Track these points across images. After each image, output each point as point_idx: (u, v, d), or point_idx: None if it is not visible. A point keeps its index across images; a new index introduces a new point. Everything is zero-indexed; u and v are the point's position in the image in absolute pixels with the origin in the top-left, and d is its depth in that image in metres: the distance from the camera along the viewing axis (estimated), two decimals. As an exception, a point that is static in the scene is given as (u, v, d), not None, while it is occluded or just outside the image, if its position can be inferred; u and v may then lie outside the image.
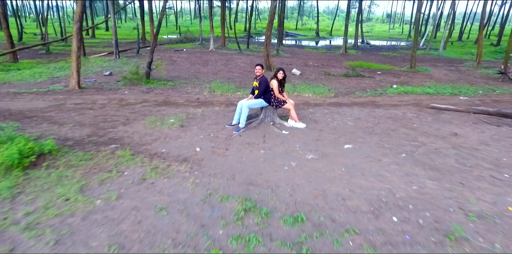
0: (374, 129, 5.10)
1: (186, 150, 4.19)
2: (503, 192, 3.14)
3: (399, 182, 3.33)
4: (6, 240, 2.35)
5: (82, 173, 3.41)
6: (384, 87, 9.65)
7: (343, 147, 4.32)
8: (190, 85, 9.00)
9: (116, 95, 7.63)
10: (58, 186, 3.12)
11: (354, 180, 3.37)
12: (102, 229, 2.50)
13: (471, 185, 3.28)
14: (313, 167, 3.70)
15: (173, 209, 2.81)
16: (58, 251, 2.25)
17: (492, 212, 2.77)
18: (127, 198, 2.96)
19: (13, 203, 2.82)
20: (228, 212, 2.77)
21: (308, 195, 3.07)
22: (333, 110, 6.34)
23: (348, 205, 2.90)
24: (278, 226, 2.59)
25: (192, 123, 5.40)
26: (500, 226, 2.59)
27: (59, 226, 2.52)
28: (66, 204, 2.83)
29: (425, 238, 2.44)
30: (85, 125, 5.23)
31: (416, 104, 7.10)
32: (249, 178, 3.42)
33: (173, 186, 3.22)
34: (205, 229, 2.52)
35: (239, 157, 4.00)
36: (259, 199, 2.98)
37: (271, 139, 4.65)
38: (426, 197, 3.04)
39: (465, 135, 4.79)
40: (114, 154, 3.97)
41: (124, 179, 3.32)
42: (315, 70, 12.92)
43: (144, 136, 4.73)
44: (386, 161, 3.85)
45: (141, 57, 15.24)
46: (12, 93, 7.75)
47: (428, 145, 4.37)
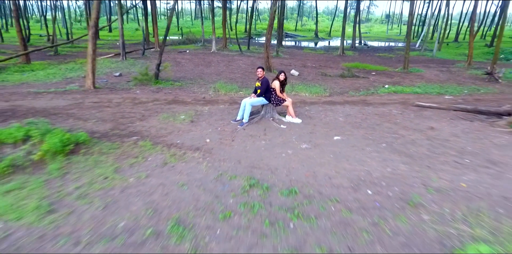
0: (361, 124, 5.79)
1: (197, 141, 4.88)
2: (461, 173, 3.82)
3: (377, 166, 4.01)
4: (65, 206, 3.04)
5: (113, 158, 4.09)
6: (377, 87, 10.34)
7: (333, 138, 5.01)
8: (196, 85, 9.69)
9: (129, 94, 8.32)
10: (96, 168, 3.81)
11: (340, 164, 4.06)
12: (138, 199, 3.19)
13: (436, 167, 3.96)
14: (306, 154, 4.39)
15: (192, 185, 3.49)
16: (107, 214, 2.93)
17: (447, 187, 3.46)
18: (154, 177, 3.65)
19: (63, 180, 3.51)
20: (236, 187, 3.45)
21: (301, 175, 3.76)
22: (327, 108, 7.04)
23: (333, 182, 3.58)
24: (276, 196, 3.27)
25: (201, 119, 6.09)
26: (452, 197, 3.27)
27: (104, 196, 3.21)
28: (106, 181, 3.52)
29: (391, 205, 3.13)
30: (106, 121, 5.92)
31: (403, 102, 7.79)
32: (253, 163, 4.10)
33: (190, 168, 3.90)
34: (219, 199, 3.21)
35: (244, 146, 4.69)
36: (261, 178, 3.67)
37: (271, 132, 5.34)
38: (397, 176, 3.73)
39: (440, 129, 5.49)
40: (137, 144, 4.66)
41: (149, 163, 4.01)
42: (312, 71, 13.61)
43: (159, 130, 5.42)
44: (368, 150, 4.54)
45: (147, 58, 15.91)
46: (33, 93, 8.43)
47: (406, 136, 5.07)
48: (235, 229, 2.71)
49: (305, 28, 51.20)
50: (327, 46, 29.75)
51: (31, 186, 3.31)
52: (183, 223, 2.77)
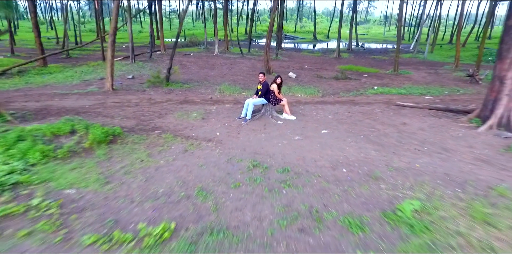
0: (346, 120, 6.85)
1: (209, 134, 5.93)
2: (418, 157, 4.88)
3: (353, 152, 5.07)
4: (116, 179, 4.08)
5: (144, 147, 5.15)
6: (366, 88, 11.40)
7: (320, 132, 6.07)
8: (203, 87, 10.75)
9: (144, 95, 9.38)
10: (132, 153, 4.87)
11: (324, 151, 5.11)
12: (169, 175, 4.24)
13: (399, 153, 5.02)
14: (298, 144, 5.44)
15: (208, 165, 4.54)
16: (149, 184, 3.98)
17: (404, 167, 4.51)
18: (179, 160, 4.70)
19: (110, 162, 4.56)
20: (243, 167, 4.51)
21: (293, 159, 4.81)
22: (319, 107, 8.09)
23: (317, 164, 4.63)
24: (273, 173, 4.32)
25: (210, 116, 7.15)
26: (406, 173, 4.32)
27: (143, 173, 4.26)
28: (142, 162, 4.57)
29: (359, 178, 4.18)
30: (130, 118, 6.98)
31: (386, 102, 8.84)
32: (255, 150, 5.16)
33: (206, 154, 4.96)
34: (230, 175, 4.26)
35: (247, 138, 5.74)
36: (261, 161, 4.72)
37: (270, 127, 6.40)
38: (368, 160, 4.78)
39: (411, 124, 6.54)
40: (160, 136, 5.72)
41: (173, 150, 5.06)
42: (309, 73, 14.67)
43: (176, 125, 6.48)
44: (348, 140, 5.59)
45: (154, 61, 16.97)
46: (59, 94, 9.50)
47: (381, 130, 6.12)
48: (243, 194, 3.77)
49: (304, 30, 52.26)
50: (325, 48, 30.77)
51: (87, 165, 4.37)
52: (205, 190, 3.83)
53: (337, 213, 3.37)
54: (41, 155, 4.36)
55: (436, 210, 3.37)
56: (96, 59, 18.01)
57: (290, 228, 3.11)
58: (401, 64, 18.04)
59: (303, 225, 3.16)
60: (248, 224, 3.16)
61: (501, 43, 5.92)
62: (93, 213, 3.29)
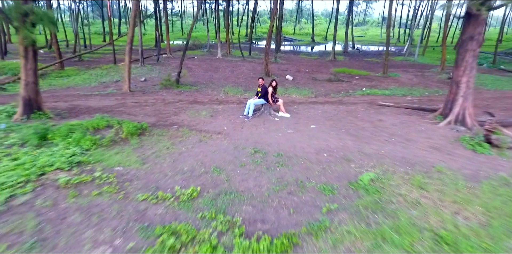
0: (332, 117, 8.13)
1: (218, 128, 7.22)
2: (384, 145, 6.16)
3: (334, 142, 6.35)
4: (150, 161, 5.36)
5: (167, 138, 6.43)
6: (356, 90, 12.68)
7: (310, 126, 7.35)
8: (209, 89, 12.04)
9: (158, 96, 10.67)
10: (159, 142, 6.15)
11: (311, 141, 6.40)
12: (190, 158, 5.52)
13: (371, 143, 6.30)
14: (291, 136, 6.72)
15: (220, 151, 5.82)
16: (176, 164, 5.25)
17: (372, 153, 5.79)
18: (196, 148, 5.98)
19: (143, 149, 5.84)
20: (246, 152, 5.78)
21: (285, 147, 6.09)
22: (310, 107, 9.38)
23: (305, 150, 5.91)
24: (270, 157, 5.60)
25: (218, 114, 8.43)
26: (372, 157, 5.59)
27: (170, 157, 5.54)
28: (168, 149, 5.85)
29: (336, 160, 5.45)
30: (150, 115, 8.26)
31: (370, 102, 10.12)
32: (256, 140, 6.44)
33: (217, 143, 6.24)
34: (237, 158, 5.54)
35: (250, 131, 7.02)
36: (261, 148, 6.00)
37: (268, 122, 7.68)
38: (345, 147, 6.06)
39: (386, 120, 7.83)
40: (178, 130, 7.00)
41: (190, 140, 6.35)
42: (305, 76, 15.95)
43: (190, 121, 7.76)
44: (331, 133, 6.88)
45: (162, 64, 18.25)
46: (83, 95, 10.78)
47: (360, 125, 7.41)
48: (247, 170, 5.05)
49: (303, 32, 53.57)
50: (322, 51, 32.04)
51: (126, 151, 5.65)
52: (219, 168, 5.11)
53: (316, 182, 4.65)
54: (91, 143, 5.65)
55: (387, 180, 4.65)
56: (107, 62, 19.28)
57: (281, 191, 4.39)
58: (392, 67, 19.32)
59: (290, 190, 4.45)
60: (251, 189, 4.45)
61: (457, 54, 7.20)
62: (139, 182, 4.58)
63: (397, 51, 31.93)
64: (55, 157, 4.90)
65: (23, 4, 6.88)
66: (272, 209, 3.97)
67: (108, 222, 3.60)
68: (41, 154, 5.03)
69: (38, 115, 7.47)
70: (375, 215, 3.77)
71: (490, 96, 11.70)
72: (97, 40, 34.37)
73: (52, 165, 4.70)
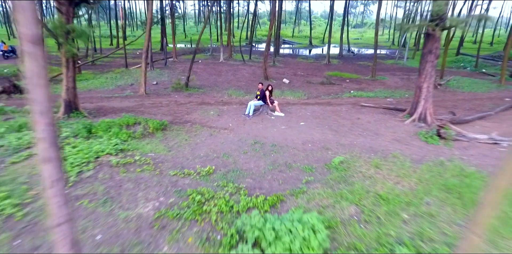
0: (319, 116, 9.73)
1: (224, 125, 8.80)
2: (357, 138, 7.75)
3: (318, 135, 7.94)
4: (174, 149, 6.95)
5: (184, 132, 8.02)
6: (344, 92, 14.26)
7: (300, 123, 8.95)
8: (214, 92, 13.63)
9: (171, 98, 12.26)
10: (178, 136, 7.74)
11: (299, 135, 7.99)
12: (205, 147, 7.11)
13: (347, 136, 7.89)
14: (284, 131, 8.31)
15: (227, 142, 7.41)
16: (194, 151, 6.84)
17: (346, 143, 7.38)
18: (208, 139, 7.57)
19: (166, 140, 7.43)
20: (248, 143, 7.37)
21: (279, 139, 7.68)
22: (302, 107, 10.97)
23: (294, 142, 7.51)
24: (266, 147, 7.19)
25: (223, 113, 10.02)
26: (346, 146, 7.18)
27: (189, 146, 7.13)
28: (186, 141, 7.44)
29: (317, 149, 7.04)
30: (167, 114, 9.85)
31: (354, 103, 11.71)
32: (255, 134, 8.03)
33: (224, 136, 7.83)
34: (241, 147, 7.13)
35: (250, 127, 8.61)
36: (259, 140, 7.59)
37: (265, 120, 9.28)
38: (326, 139, 7.65)
39: (363, 118, 9.41)
40: (192, 126, 8.59)
41: (203, 134, 7.94)
42: (300, 79, 17.55)
43: (201, 119, 9.34)
44: (317, 129, 8.47)
45: (169, 68, 19.83)
46: (105, 97, 12.37)
47: (341, 122, 9.00)
48: (249, 156, 6.64)
49: (302, 35, 55.18)
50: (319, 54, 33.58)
51: (154, 142, 7.24)
52: (227, 154, 6.70)
53: (300, 164, 6.24)
54: (126, 135, 7.24)
55: (353, 162, 6.25)
56: (118, 66, 20.87)
57: (274, 170, 5.98)
58: (381, 70, 20.91)
59: (281, 169, 6.04)
60: (252, 168, 6.04)
61: (420, 64, 8.80)
62: (169, 163, 6.17)
63: (390, 54, 33.51)
64: (104, 145, 6.50)
65: (66, 24, 8.47)
66: (267, 181, 5.57)
67: (152, 188, 5.19)
68: (93, 143, 6.63)
69: (76, 114, 9.07)
70: (339, 184, 5.36)
71: (461, 98, 13.28)
72: (105, 43, 35.93)
73: (103, 151, 6.29)
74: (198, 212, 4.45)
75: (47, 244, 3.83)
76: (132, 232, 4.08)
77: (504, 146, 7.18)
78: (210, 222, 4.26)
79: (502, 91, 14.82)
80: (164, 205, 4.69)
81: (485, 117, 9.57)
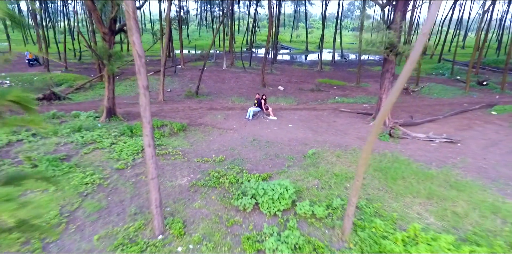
0: (304, 119, 12.32)
1: (230, 126, 11.40)
2: (330, 136, 10.35)
3: (301, 134, 10.54)
4: (195, 144, 9.55)
5: (201, 132, 10.63)
6: (330, 98, 16.85)
7: (288, 125, 11.55)
8: (220, 99, 16.23)
9: (185, 104, 14.86)
10: (196, 135, 10.35)
11: (287, 134, 10.59)
12: (216, 143, 9.71)
13: (323, 135, 10.49)
14: (276, 131, 10.91)
15: (232, 140, 10.01)
16: (208, 146, 9.44)
17: (321, 140, 9.97)
18: (218, 137, 10.17)
19: (188, 138, 10.03)
20: (248, 140, 9.97)
21: (271, 137, 10.28)
22: (292, 112, 13.57)
23: (283, 139, 10.10)
24: (262, 143, 9.79)
25: (229, 117, 12.62)
26: (320, 143, 9.77)
27: (204, 142, 9.73)
28: (202, 138, 10.04)
29: (299, 144, 9.64)
30: (184, 118, 12.44)
31: (335, 109, 14.29)
32: (254, 134, 10.62)
33: (230, 135, 10.43)
34: (243, 143, 9.73)
35: (250, 128, 11.21)
36: (257, 138, 10.18)
37: (262, 123, 11.88)
38: (306, 137, 10.25)
39: (338, 121, 12.00)
40: (205, 128, 11.19)
41: (214, 133, 10.54)
42: (294, 86, 20.14)
43: (211, 122, 11.94)
44: (301, 129, 11.07)
45: (179, 76, 22.38)
46: (130, 103, 14.95)
47: (320, 124, 11.60)
48: (249, 149, 9.24)
49: (299, 40, 57.75)
50: (313, 60, 36.07)
51: (179, 139, 9.84)
52: (233, 148, 9.30)
53: (285, 155, 8.84)
54: (159, 134, 9.84)
55: (322, 153, 8.84)
56: (133, 73, 23.42)
57: (266, 158, 8.57)
58: (367, 77, 23.47)
59: (271, 158, 8.63)
60: (251, 157, 8.63)
61: (380, 79, 11.38)
62: (192, 154, 8.77)
63: (379, 60, 36.05)
64: (145, 141, 9.09)
65: (108, 49, 11.07)
66: (261, 165, 8.16)
67: (184, 169, 7.79)
68: (136, 140, 9.23)
69: (115, 118, 11.68)
70: (310, 167, 7.95)
71: (427, 104, 15.87)
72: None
73: (145, 145, 8.88)
74: (216, 182, 7.05)
75: (128, 199, 6.44)
76: (177, 193, 6.68)
77: (436, 142, 9.78)
78: (224, 188, 6.86)
79: (464, 98, 17.39)
80: (194, 179, 7.30)
81: (434, 121, 12.16)
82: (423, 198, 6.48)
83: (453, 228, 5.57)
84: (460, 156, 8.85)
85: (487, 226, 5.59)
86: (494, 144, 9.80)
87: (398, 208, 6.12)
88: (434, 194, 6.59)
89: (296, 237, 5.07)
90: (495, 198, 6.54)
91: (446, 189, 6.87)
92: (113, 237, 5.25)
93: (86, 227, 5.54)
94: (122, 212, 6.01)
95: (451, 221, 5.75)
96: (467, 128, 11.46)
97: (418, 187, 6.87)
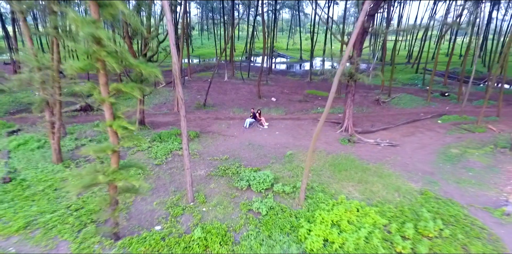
0: (288, 128, 16.05)
1: (232, 133, 15.12)
2: (305, 141, 14.07)
3: (284, 140, 14.26)
4: (207, 147, 13.26)
5: (209, 138, 14.35)
6: (313, 109, 20.57)
7: (276, 133, 15.29)
8: (223, 109, 19.96)
9: (195, 115, 18.58)
10: (207, 140, 14.07)
11: (274, 140, 14.31)
12: (223, 146, 13.43)
13: (300, 140, 14.21)
14: (266, 137, 14.64)
15: (234, 144, 13.73)
16: (217, 148, 13.16)
17: (299, 144, 13.69)
18: (223, 142, 13.89)
19: (201, 142, 13.75)
20: (245, 144, 13.69)
21: (262, 142, 13.99)
22: (280, 121, 17.30)
23: (271, 144, 13.83)
24: (256, 146, 13.50)
25: (231, 126, 16.35)
26: (298, 146, 13.49)
27: (213, 145, 13.46)
28: (211, 143, 13.77)
29: (281, 147, 13.36)
30: (196, 127, 16.16)
31: (314, 118, 17.98)
32: (250, 139, 14.34)
33: (232, 140, 14.16)
34: (241, 146, 13.45)
35: (247, 135, 14.93)
36: (252, 143, 13.90)
37: (256, 131, 15.62)
38: (288, 142, 13.97)
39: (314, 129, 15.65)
40: (213, 134, 14.91)
41: (220, 139, 14.26)
42: (285, 97, 23.86)
43: (217, 130, 15.66)
44: (285, 136, 14.80)
45: (186, 87, 26.00)
46: (151, 114, 18.68)
47: (300, 132, 15.33)
48: (246, 151, 12.97)
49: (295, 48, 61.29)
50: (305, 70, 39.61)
51: (195, 144, 13.56)
52: (234, 150, 13.02)
53: (271, 155, 12.57)
54: (180, 140, 13.57)
55: (297, 153, 12.58)
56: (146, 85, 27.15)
57: (257, 157, 12.30)
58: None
59: (261, 157, 12.36)
60: (247, 157, 12.36)
61: (345, 97, 15.08)
62: (205, 154, 12.50)
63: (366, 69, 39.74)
64: (172, 145, 12.82)
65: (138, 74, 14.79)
66: (254, 162, 11.89)
67: (201, 164, 11.52)
68: (166, 144, 12.94)
69: (144, 127, 15.41)
70: (286, 163, 11.67)
71: (391, 114, 19.59)
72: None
73: (173, 148, 12.61)
74: (223, 173, 10.77)
75: (168, 183, 10.17)
76: (199, 179, 10.41)
77: (382, 145, 13.51)
78: (229, 176, 10.58)
79: (425, 107, 21.11)
80: (208, 171, 11.02)
81: (388, 129, 15.88)
82: (355, 182, 10.21)
83: (367, 199, 9.30)
84: (394, 155, 12.58)
85: (388, 198, 9.32)
86: (423, 147, 13.53)
87: (337, 188, 9.85)
88: (363, 180, 10.32)
89: (271, 202, 8.79)
90: (402, 182, 10.27)
91: (373, 177, 10.60)
92: (164, 203, 8.97)
93: (147, 198, 9.26)
94: (166, 190, 9.73)
95: (367, 195, 9.48)
96: (410, 134, 15.19)
97: (355, 176, 10.60)
